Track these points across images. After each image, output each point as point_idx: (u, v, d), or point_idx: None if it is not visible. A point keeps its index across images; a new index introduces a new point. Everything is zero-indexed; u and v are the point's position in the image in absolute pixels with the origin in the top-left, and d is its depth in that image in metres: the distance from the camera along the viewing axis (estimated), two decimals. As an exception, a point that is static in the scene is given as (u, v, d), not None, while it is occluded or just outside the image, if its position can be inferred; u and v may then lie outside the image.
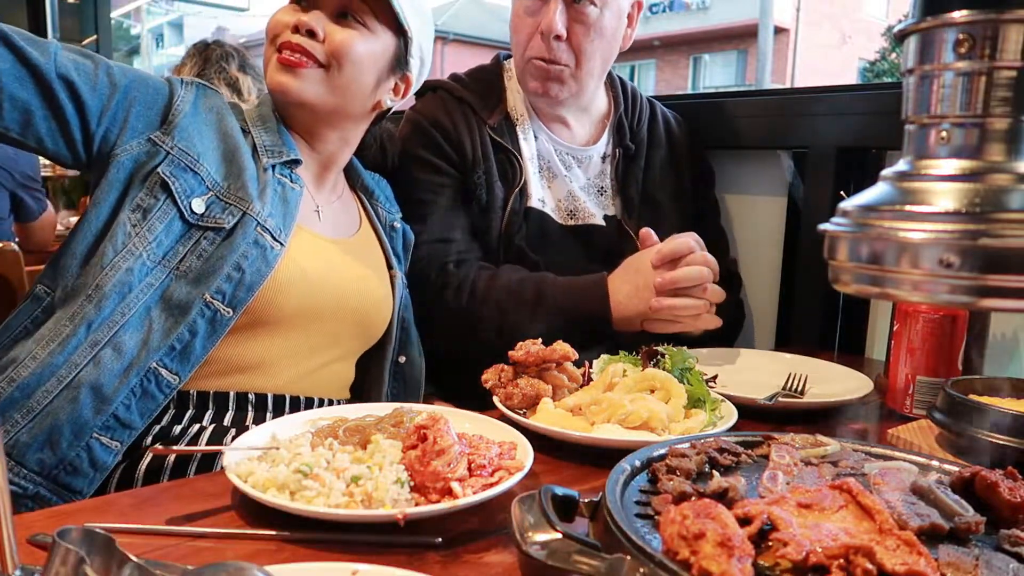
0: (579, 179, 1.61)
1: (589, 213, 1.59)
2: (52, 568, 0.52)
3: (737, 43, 20.63)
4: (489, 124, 1.55)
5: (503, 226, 1.52)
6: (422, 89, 1.66)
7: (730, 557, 0.55)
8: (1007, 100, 0.50)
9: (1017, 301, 0.48)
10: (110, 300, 1.06)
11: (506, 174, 1.54)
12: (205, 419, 1.13)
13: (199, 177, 1.14)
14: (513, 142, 1.56)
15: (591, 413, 1.02)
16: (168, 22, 18.45)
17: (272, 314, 1.16)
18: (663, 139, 1.68)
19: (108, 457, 1.05)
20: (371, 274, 1.33)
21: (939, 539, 0.65)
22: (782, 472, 0.77)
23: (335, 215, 1.35)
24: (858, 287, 0.55)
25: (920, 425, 1.11)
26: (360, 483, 0.77)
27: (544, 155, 1.59)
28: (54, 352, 1.04)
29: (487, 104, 1.58)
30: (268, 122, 1.26)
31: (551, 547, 0.62)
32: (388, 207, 1.47)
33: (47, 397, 1.03)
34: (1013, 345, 1.41)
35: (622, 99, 1.66)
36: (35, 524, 0.75)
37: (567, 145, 1.61)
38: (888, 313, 1.37)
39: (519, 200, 1.53)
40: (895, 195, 0.53)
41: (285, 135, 1.26)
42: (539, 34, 1.47)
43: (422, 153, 1.54)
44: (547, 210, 1.56)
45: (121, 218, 1.10)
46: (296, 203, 1.22)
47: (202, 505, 0.81)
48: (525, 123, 1.59)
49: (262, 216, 1.15)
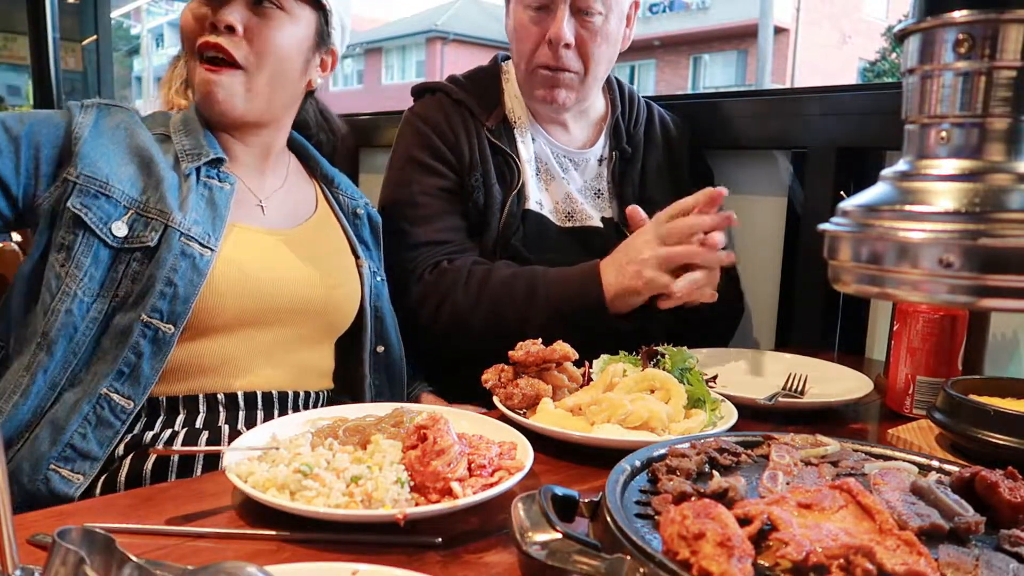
0: (576, 181, 1.61)
1: (587, 215, 1.59)
2: (52, 568, 0.51)
3: (737, 43, 20.64)
4: (487, 126, 1.55)
5: (500, 228, 1.51)
6: (420, 91, 1.66)
7: (730, 557, 0.55)
8: (1007, 100, 0.50)
9: (1017, 301, 0.48)
10: (59, 344, 1.05)
11: (504, 176, 1.54)
12: (177, 424, 1.12)
13: (113, 200, 1.10)
14: (511, 144, 1.56)
15: (591, 413, 1.02)
16: (168, 22, 18.44)
17: (220, 317, 1.14)
18: (660, 141, 1.68)
19: (69, 489, 1.03)
20: (329, 261, 1.30)
21: (939, 539, 0.65)
22: (782, 472, 0.77)
23: (282, 204, 1.31)
24: (858, 287, 0.55)
25: (920, 425, 1.11)
26: (360, 483, 0.77)
27: (542, 157, 1.59)
28: (18, 404, 1.04)
29: (485, 106, 1.57)
30: (190, 124, 1.23)
31: (551, 547, 0.62)
32: (351, 193, 1.43)
33: (16, 443, 1.04)
34: (1013, 345, 1.41)
35: (619, 102, 1.66)
36: (35, 524, 0.75)
37: (564, 148, 1.61)
38: (888, 313, 1.37)
39: (517, 202, 1.52)
40: (895, 195, 0.53)
41: (207, 136, 1.22)
42: (546, 43, 1.46)
43: (419, 155, 1.53)
44: (545, 212, 1.56)
45: (50, 261, 1.09)
46: (227, 202, 1.18)
47: (202, 505, 0.81)
48: (523, 125, 1.59)
49: (185, 225, 1.11)
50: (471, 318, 1.40)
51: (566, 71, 1.48)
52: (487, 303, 1.38)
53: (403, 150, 1.57)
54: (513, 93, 1.61)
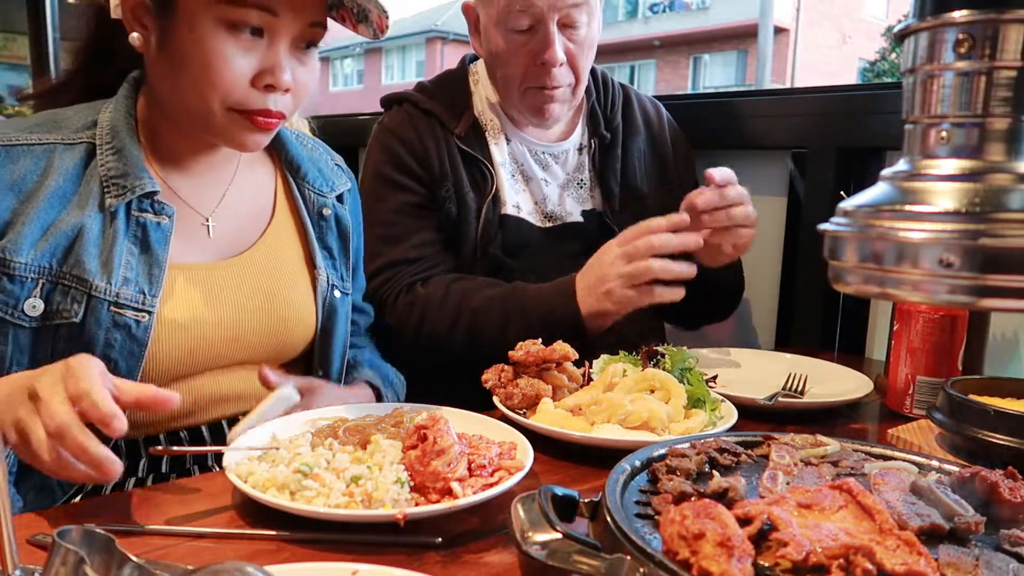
0: (557, 176, 1.57)
1: (566, 212, 1.56)
2: (52, 568, 0.52)
3: (737, 43, 20.65)
4: (456, 134, 1.50)
5: (478, 236, 1.48)
6: (388, 102, 1.62)
7: (730, 557, 0.55)
8: (1007, 100, 0.50)
9: (1017, 301, 0.48)
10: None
11: (477, 183, 1.50)
12: (140, 469, 1.04)
13: (16, 278, 0.93)
14: (482, 149, 1.52)
15: (591, 413, 1.02)
16: (168, 22, 18.44)
17: (169, 374, 1.02)
18: (640, 124, 1.63)
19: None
20: (282, 283, 1.12)
21: (939, 539, 0.65)
22: (782, 472, 0.77)
23: (231, 216, 1.12)
24: (858, 287, 0.55)
25: (920, 425, 1.11)
26: (360, 483, 0.77)
27: (518, 158, 1.55)
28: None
29: (454, 113, 1.53)
30: (118, 137, 1.01)
31: (551, 547, 0.62)
32: (319, 185, 1.21)
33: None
34: (1013, 345, 1.41)
35: (593, 88, 1.61)
36: (35, 524, 0.75)
37: (541, 144, 1.57)
38: (888, 313, 1.37)
39: (492, 208, 1.49)
40: (895, 195, 0.53)
41: (135, 156, 1.00)
42: (538, 64, 1.41)
43: (388, 171, 1.50)
44: (523, 215, 1.53)
45: None
46: (164, 242, 1.00)
47: (202, 505, 0.81)
48: (495, 127, 1.55)
49: (111, 292, 0.95)
50: (450, 342, 1.38)
51: (558, 87, 1.45)
52: (464, 327, 1.37)
53: (372, 166, 1.53)
54: (483, 95, 1.57)
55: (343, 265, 1.23)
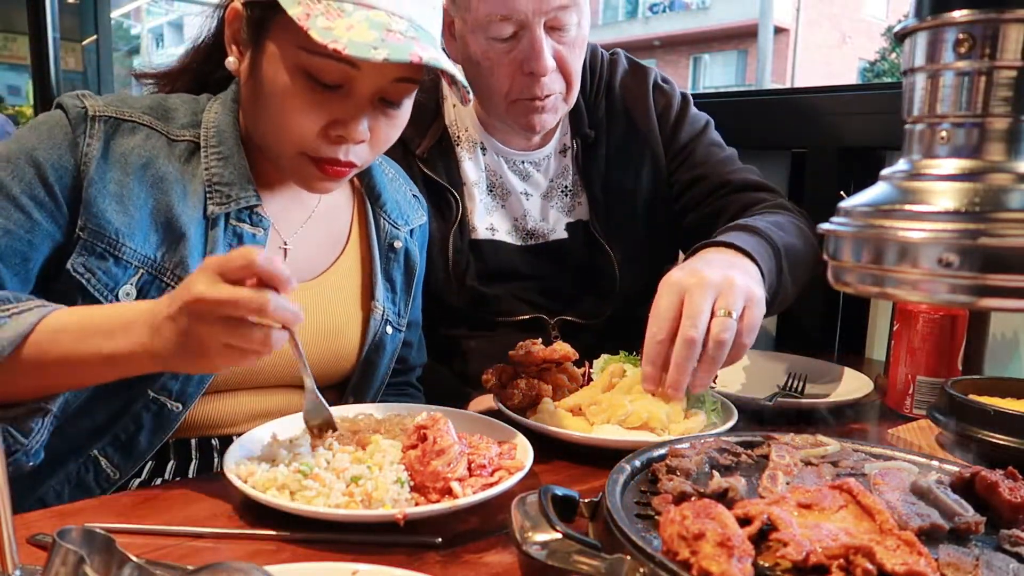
0: (539, 186, 1.43)
1: (550, 228, 1.42)
2: (52, 568, 0.52)
3: (737, 43, 20.65)
4: (417, 155, 1.35)
5: (450, 268, 1.35)
6: None
7: (730, 557, 0.55)
8: (1007, 100, 0.50)
9: (1017, 301, 0.48)
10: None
11: (440, 211, 1.35)
12: (167, 471, 1.03)
13: (122, 262, 0.94)
14: (448, 169, 1.37)
15: (591, 413, 1.02)
16: (168, 22, 18.44)
17: (217, 385, 1.02)
18: (621, 106, 1.45)
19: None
20: (338, 316, 1.11)
21: (939, 539, 0.65)
22: (782, 472, 0.77)
23: (309, 241, 1.12)
24: (858, 287, 0.55)
25: (920, 425, 1.11)
26: (360, 483, 0.77)
27: (495, 171, 1.41)
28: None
29: (419, 129, 1.34)
30: (226, 142, 1.02)
31: (551, 547, 0.62)
32: (395, 217, 1.20)
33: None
34: (1013, 345, 1.41)
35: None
36: (35, 524, 0.75)
37: (519, 153, 1.42)
38: (888, 313, 1.37)
39: (459, 236, 1.36)
40: (895, 195, 0.53)
41: (241, 166, 1.01)
42: (525, 73, 1.25)
43: None
44: (500, 236, 1.40)
45: None
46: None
47: (202, 505, 0.81)
48: (470, 139, 1.40)
49: None
50: None
51: (550, 95, 1.28)
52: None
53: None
54: (455, 105, 1.41)
55: (402, 301, 1.20)
